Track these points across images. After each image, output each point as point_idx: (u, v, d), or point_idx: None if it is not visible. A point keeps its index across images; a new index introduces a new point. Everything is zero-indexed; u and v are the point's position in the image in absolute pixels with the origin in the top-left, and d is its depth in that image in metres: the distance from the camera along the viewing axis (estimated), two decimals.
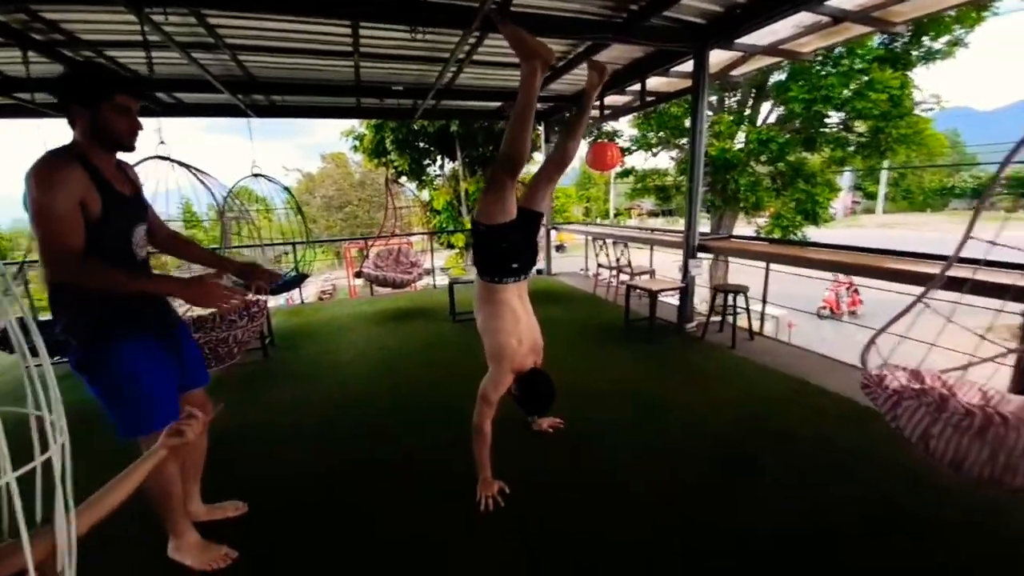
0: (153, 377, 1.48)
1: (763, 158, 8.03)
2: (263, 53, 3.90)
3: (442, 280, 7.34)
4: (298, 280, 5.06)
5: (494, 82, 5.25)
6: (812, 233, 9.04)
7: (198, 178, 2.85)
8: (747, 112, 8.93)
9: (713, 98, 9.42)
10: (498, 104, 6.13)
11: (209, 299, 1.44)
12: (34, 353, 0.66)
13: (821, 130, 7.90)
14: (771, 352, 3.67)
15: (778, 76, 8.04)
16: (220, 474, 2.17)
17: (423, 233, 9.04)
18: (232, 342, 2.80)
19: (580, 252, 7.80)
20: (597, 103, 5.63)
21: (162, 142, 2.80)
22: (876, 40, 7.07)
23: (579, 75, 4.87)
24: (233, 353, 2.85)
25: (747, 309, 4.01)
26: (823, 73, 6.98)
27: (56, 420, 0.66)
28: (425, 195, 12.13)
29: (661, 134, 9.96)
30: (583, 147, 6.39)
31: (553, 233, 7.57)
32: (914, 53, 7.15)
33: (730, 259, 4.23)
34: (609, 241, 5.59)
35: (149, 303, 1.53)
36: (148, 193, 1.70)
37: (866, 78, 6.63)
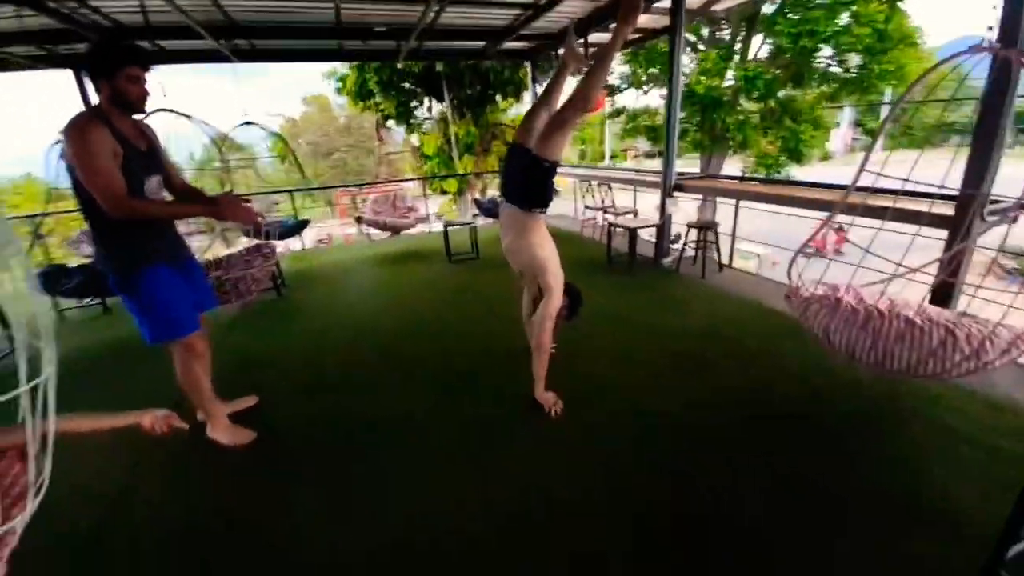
0: (171, 296, 1.86)
1: (753, 95, 8.03)
2: None
3: (437, 226, 7.57)
4: (301, 226, 5.34)
5: (477, 20, 5.22)
6: (796, 172, 9.21)
7: (202, 128, 3.05)
8: (737, 47, 8.76)
9: (705, 31, 9.20)
10: (481, 44, 6.07)
11: (233, 212, 1.82)
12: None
13: (810, 66, 7.84)
14: (736, 281, 4.06)
15: (770, 8, 7.85)
16: (248, 389, 2.58)
17: (415, 179, 9.09)
18: (249, 280, 3.14)
19: (572, 195, 7.99)
20: (580, 40, 5.61)
21: (165, 95, 2.97)
22: None
23: (560, 12, 4.88)
24: (251, 290, 3.19)
25: (715, 243, 4.35)
26: (809, 6, 6.84)
27: (48, 350, 0.89)
28: (415, 140, 11.99)
29: (652, 70, 9.80)
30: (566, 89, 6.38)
31: None
32: None
33: (718, 199, 4.46)
34: (594, 183, 5.81)
35: (165, 240, 1.90)
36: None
37: (852, 10, 6.54)
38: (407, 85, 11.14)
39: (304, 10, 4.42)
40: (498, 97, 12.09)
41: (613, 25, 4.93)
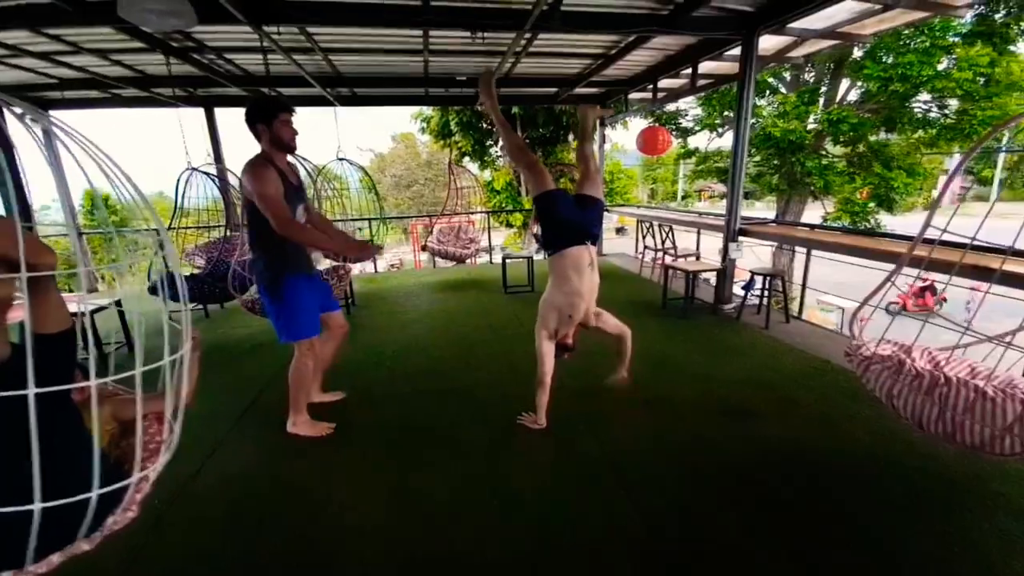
0: (304, 303, 2.21)
1: (839, 139, 7.62)
2: (349, 53, 4.53)
3: (499, 257, 7.87)
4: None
5: (549, 70, 5.56)
6: (890, 221, 8.46)
7: (299, 162, 3.54)
8: (823, 90, 8.40)
9: (788, 74, 8.96)
10: (555, 90, 6.41)
11: (357, 254, 2.33)
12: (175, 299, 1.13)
13: (904, 110, 7.32)
14: (804, 335, 3.81)
15: (860, 52, 7.51)
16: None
17: (482, 212, 9.57)
18: None
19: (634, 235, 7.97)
20: (650, 86, 5.75)
21: None
22: (969, 14, 6.39)
23: (631, 61, 5.07)
24: None
25: (784, 293, 4.13)
26: (903, 50, 6.45)
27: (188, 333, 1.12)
28: (487, 175, 12.65)
29: (727, 114, 9.67)
30: (634, 131, 6.49)
31: (614, 216, 7.78)
32: (1016, 27, 6.35)
33: (812, 250, 4.24)
34: (656, 224, 5.79)
35: (304, 257, 2.28)
36: None
37: (954, 53, 6.07)
38: (484, 125, 11.89)
39: (399, 63, 5.01)
40: (569, 137, 12.50)
41: (686, 71, 4.95)
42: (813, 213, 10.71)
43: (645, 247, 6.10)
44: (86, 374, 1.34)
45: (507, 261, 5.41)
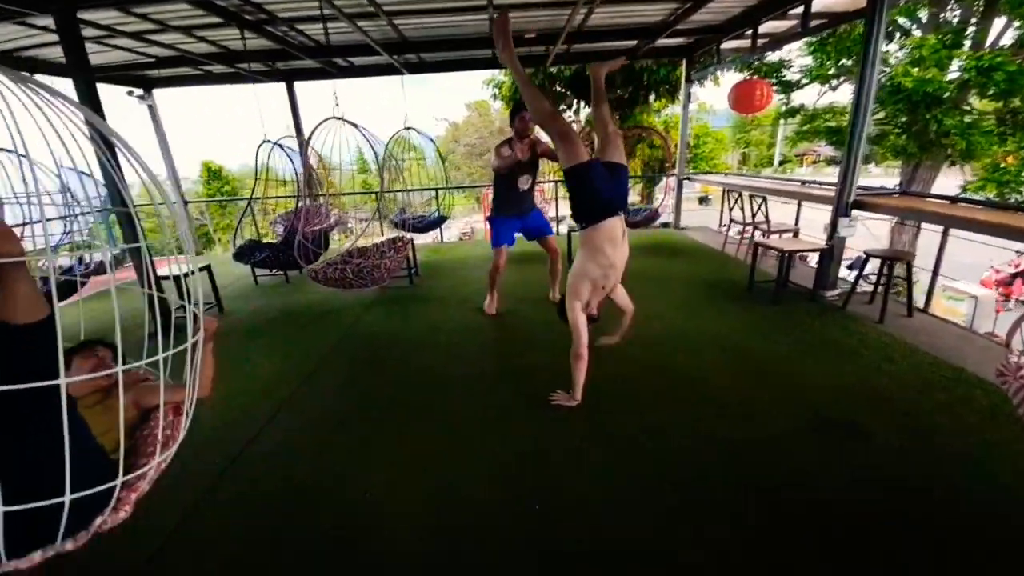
0: (502, 230, 3.53)
1: (990, 91, 6.09)
2: (412, 16, 4.34)
3: (564, 228, 7.52)
4: (439, 221, 5.79)
5: (627, 19, 4.96)
6: None
7: (364, 136, 3.47)
8: (970, 31, 6.72)
9: (924, 13, 7.28)
10: (633, 43, 5.76)
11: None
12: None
13: None
14: (929, 332, 3.14)
15: None
16: (374, 367, 2.91)
17: (551, 181, 9.18)
18: (383, 268, 3.48)
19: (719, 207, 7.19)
20: (749, 31, 4.93)
21: (336, 104, 3.46)
22: None
23: (724, 1, 4.36)
24: (384, 277, 3.53)
25: (908, 280, 3.42)
26: None
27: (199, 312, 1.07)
28: None
29: (844, 62, 8.18)
30: (725, 87, 5.70)
31: (696, 184, 7.06)
32: None
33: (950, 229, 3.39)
34: (745, 194, 5.09)
35: (513, 204, 3.48)
36: (326, 147, 2.83)
37: None
38: (558, 89, 11.29)
39: (464, 23, 4.74)
40: (651, 97, 11.49)
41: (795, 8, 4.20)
42: (948, 181, 8.92)
43: (731, 220, 5.43)
44: (115, 357, 1.37)
45: (572, 234, 5.08)
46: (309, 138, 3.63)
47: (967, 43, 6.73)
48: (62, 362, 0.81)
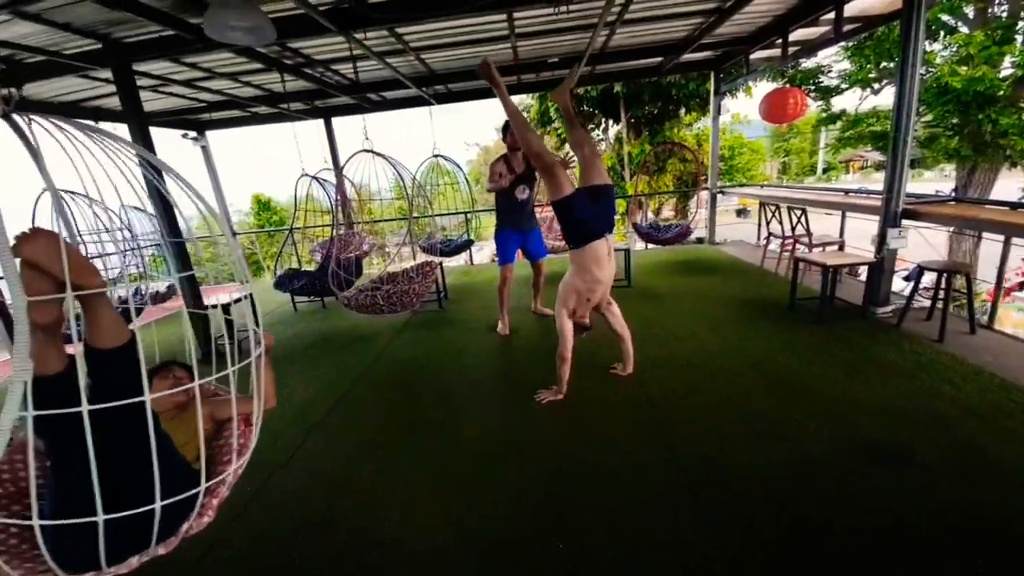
0: (506, 246, 3.71)
1: None
2: (438, 50, 4.52)
3: None
4: (466, 244, 5.88)
5: (650, 37, 4.96)
6: None
7: (391, 164, 3.61)
8: (1021, 25, 6.29)
9: (970, 9, 6.88)
10: (658, 60, 5.75)
11: None
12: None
13: None
14: (994, 351, 2.86)
15: None
16: (400, 391, 2.95)
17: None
18: (412, 294, 3.55)
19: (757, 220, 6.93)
20: (779, 40, 4.81)
21: (367, 138, 3.61)
22: None
23: (752, 12, 4.29)
24: (413, 302, 3.60)
25: (969, 293, 3.15)
26: None
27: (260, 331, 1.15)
28: None
29: (885, 65, 7.84)
30: (758, 97, 5.55)
31: (734, 198, 6.86)
32: None
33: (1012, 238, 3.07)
34: (783, 206, 4.89)
35: (515, 219, 3.65)
36: (363, 177, 3.89)
37: None
38: (585, 108, 11.38)
39: (488, 53, 4.89)
40: (681, 111, 11.38)
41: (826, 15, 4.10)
42: (1008, 184, 8.24)
43: (770, 234, 5.21)
44: (191, 376, 1.47)
45: None
46: (341, 169, 3.80)
47: (1020, 38, 6.31)
48: (146, 381, 0.89)
